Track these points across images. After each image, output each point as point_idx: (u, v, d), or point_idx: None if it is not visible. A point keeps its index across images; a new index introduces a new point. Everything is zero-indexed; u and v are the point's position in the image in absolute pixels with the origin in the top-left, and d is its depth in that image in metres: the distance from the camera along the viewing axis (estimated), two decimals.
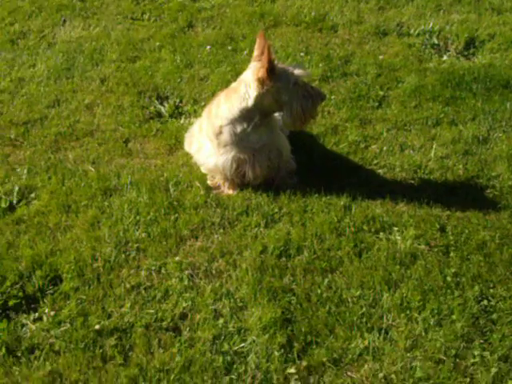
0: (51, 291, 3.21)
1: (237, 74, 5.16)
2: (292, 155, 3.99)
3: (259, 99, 3.64)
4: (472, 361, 2.82)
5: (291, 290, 3.17)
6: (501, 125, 4.52)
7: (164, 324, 2.99)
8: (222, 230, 3.57)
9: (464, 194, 3.86)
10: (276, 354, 2.84)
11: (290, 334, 2.93)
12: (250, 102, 3.66)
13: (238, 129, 3.72)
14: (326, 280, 3.21)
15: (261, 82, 3.58)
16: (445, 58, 5.53)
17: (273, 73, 3.55)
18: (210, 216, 3.66)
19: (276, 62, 3.60)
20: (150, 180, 3.97)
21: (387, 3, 6.49)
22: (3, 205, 3.83)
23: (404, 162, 4.12)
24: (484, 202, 3.78)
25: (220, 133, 3.77)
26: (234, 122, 3.72)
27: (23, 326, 3.03)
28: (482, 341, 2.91)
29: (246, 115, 3.69)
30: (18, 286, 3.22)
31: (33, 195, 3.94)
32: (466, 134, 4.40)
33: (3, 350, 2.89)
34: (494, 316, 3.02)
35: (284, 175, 3.94)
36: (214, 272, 3.29)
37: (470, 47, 5.73)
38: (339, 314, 3.02)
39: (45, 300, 3.16)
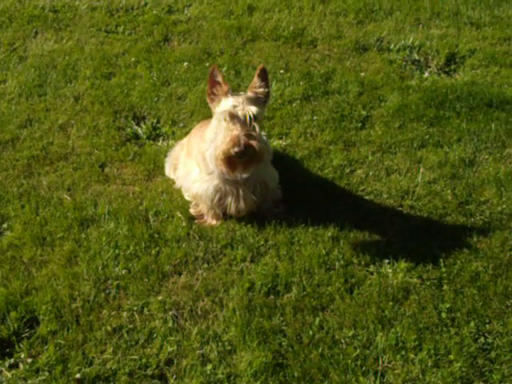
0: (27, 334, 3.01)
1: None
2: (278, 184, 3.83)
3: None
4: None
5: (281, 330, 3.02)
6: (486, 146, 4.44)
7: (149, 371, 2.82)
8: (206, 265, 3.40)
9: (454, 222, 3.77)
10: None
11: (283, 381, 2.79)
12: None
13: None
14: (318, 319, 3.08)
15: None
16: (426, 74, 5.45)
17: None
18: (193, 249, 3.49)
19: None
20: (129, 209, 3.78)
21: (366, 17, 6.40)
22: None
23: (391, 187, 4.01)
24: (474, 229, 3.69)
25: (205, 158, 3.59)
26: None
27: None
28: (481, 382, 2.81)
29: None
30: None
31: (5, 226, 3.72)
32: (452, 156, 4.31)
33: None
34: (493, 354, 2.92)
35: (270, 205, 3.77)
36: (199, 312, 3.12)
37: (450, 63, 5.66)
38: (333, 357, 2.89)
39: (21, 344, 2.96)
